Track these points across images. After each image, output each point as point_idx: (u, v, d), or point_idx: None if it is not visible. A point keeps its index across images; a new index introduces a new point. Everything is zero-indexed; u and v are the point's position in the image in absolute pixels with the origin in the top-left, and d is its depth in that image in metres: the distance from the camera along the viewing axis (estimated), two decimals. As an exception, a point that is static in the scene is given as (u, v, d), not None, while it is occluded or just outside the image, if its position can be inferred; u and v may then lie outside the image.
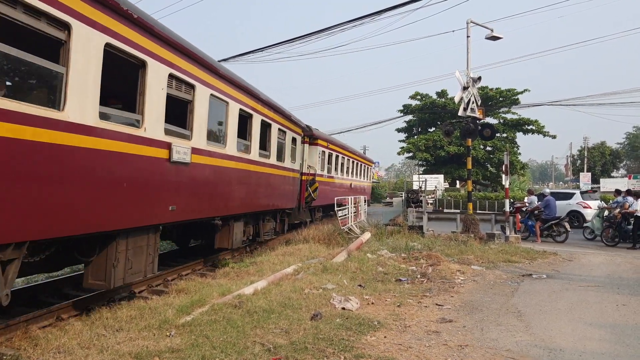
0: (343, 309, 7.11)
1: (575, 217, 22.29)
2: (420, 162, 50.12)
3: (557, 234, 17.29)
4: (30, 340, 6.04)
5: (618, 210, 16.46)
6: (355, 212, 18.12)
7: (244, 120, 11.82)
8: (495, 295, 8.46)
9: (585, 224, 18.98)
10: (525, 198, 19.07)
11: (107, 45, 6.48)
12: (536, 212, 17.65)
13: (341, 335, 5.85)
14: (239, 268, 10.76)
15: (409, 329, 6.33)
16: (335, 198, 17.06)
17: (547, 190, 20.06)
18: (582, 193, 24.30)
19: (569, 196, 23.71)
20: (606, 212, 17.50)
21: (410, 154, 50.36)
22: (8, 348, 5.96)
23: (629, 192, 17.01)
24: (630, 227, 16.12)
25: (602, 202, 20.25)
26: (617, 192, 18.05)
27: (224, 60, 22.06)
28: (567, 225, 17.24)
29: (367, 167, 34.25)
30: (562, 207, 20.34)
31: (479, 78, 16.95)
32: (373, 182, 69.75)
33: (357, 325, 6.27)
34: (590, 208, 21.39)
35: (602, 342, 5.98)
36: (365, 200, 22.99)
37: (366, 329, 6.16)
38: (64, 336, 5.87)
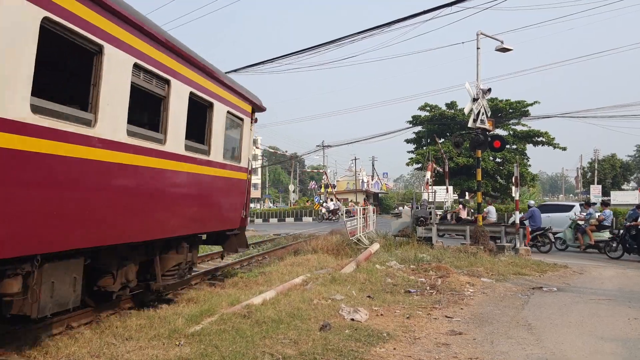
0: (352, 320, 7.09)
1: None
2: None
3: (542, 244, 17.97)
4: (40, 349, 6.06)
5: (593, 220, 17.43)
6: (364, 223, 18.10)
7: None
8: (505, 308, 8.40)
9: (556, 235, 19.16)
10: (485, 208, 19.68)
11: None
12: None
13: (350, 346, 5.83)
14: (247, 278, 10.77)
15: (419, 341, 6.30)
16: None
17: (532, 202, 21.10)
18: (581, 205, 24.47)
19: (568, 208, 23.76)
20: (582, 223, 18.07)
21: (419, 165, 50.34)
22: (19, 356, 5.98)
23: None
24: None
25: (575, 214, 20.50)
26: (587, 203, 19.50)
27: (235, 70, 22.18)
28: (552, 236, 18.01)
29: (228, 117, 9.57)
30: (561, 219, 20.42)
31: (489, 90, 16.94)
32: (383, 192, 69.43)
33: (366, 337, 6.25)
34: None
35: (614, 356, 5.92)
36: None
37: (375, 341, 6.14)
38: (74, 344, 5.89)
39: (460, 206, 24.40)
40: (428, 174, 31.29)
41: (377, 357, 5.56)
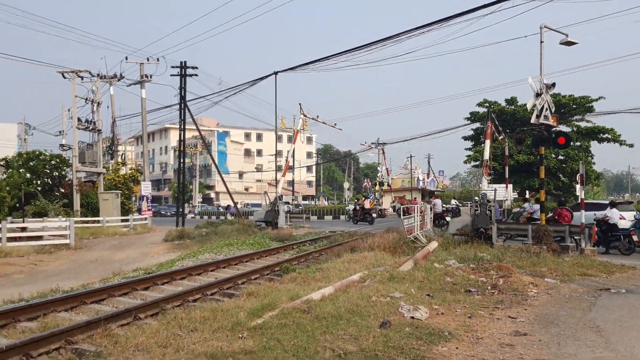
0: (412, 318, 7.03)
1: None
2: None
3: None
4: (110, 338, 6.33)
5: (525, 213, 19.35)
6: (421, 221, 17.89)
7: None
8: (571, 309, 8.12)
9: None
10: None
11: None
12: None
13: (411, 344, 5.79)
14: (305, 274, 10.85)
15: (482, 341, 6.18)
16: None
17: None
18: (612, 206, 23.73)
19: (603, 207, 22.93)
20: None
21: (477, 163, 49.22)
22: (90, 345, 6.27)
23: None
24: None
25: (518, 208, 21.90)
26: (524, 200, 22.91)
27: (291, 69, 22.36)
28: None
29: None
30: (590, 217, 19.75)
31: (553, 84, 16.34)
32: (438, 191, 68.49)
33: (427, 335, 6.19)
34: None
35: (691, 363, 5.62)
36: None
37: (437, 339, 6.07)
38: (142, 335, 6.12)
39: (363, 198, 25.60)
40: (487, 146, 23.32)
41: (440, 356, 5.50)
